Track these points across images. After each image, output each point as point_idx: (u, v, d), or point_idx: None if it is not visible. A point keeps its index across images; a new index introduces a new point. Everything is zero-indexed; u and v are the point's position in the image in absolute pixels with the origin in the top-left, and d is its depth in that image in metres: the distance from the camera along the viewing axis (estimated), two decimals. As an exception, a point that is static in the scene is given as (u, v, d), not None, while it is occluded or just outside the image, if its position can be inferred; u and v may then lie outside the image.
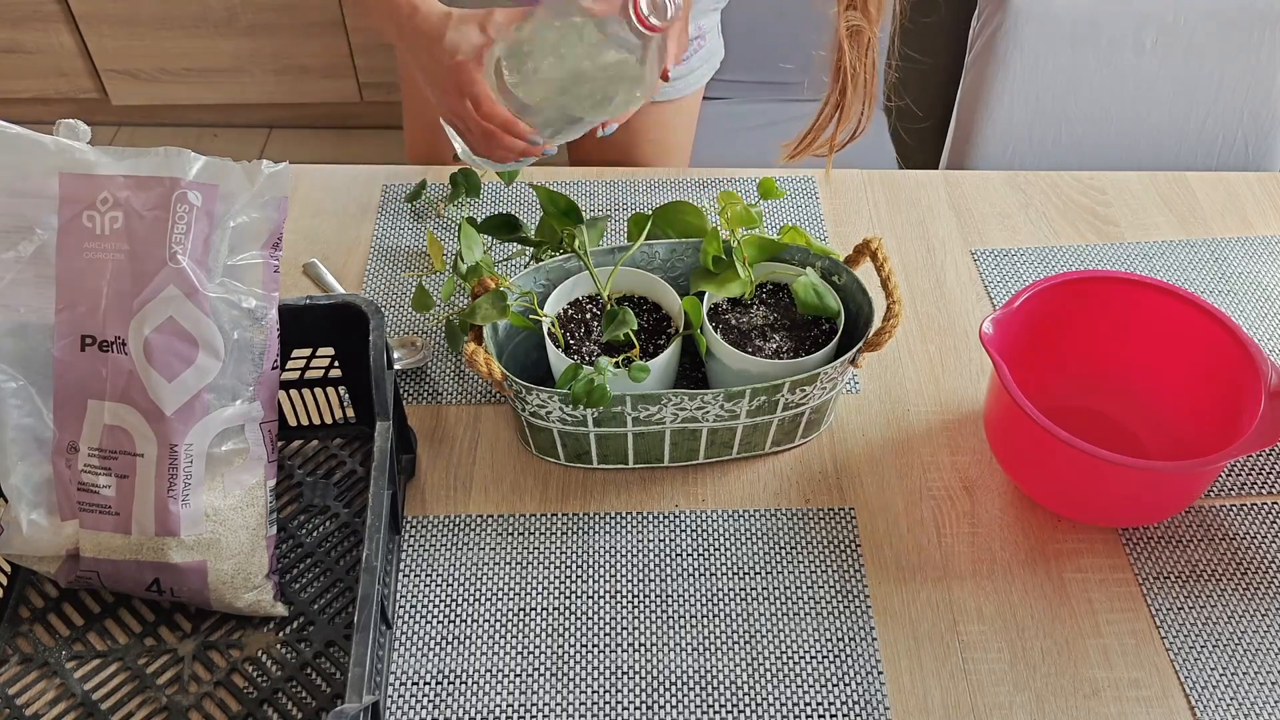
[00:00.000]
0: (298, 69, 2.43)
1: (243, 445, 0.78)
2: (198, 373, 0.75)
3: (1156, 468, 0.84)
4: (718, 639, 0.82)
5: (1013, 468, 0.90)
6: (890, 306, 0.86)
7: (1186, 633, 0.83)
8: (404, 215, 1.16)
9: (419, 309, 0.98)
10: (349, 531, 0.88)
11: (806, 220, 1.17)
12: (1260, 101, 1.48)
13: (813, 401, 0.89)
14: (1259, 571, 0.86)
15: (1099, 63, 1.46)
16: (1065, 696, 0.79)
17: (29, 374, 0.76)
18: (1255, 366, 0.83)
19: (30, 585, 0.84)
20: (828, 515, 0.90)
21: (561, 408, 0.84)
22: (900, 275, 1.10)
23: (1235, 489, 0.92)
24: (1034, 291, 0.88)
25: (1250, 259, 1.13)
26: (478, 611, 0.83)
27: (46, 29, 2.40)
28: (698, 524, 0.89)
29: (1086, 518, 0.88)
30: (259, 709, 0.77)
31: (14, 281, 0.75)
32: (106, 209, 0.75)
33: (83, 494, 0.76)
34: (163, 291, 0.74)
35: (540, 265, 0.91)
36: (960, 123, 1.55)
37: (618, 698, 0.78)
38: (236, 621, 0.82)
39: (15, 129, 0.74)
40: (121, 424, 0.75)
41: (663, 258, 0.93)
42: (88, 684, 0.79)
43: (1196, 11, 1.43)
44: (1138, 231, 1.17)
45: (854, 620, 0.83)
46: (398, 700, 0.78)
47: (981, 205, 1.19)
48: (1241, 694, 0.79)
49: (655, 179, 1.21)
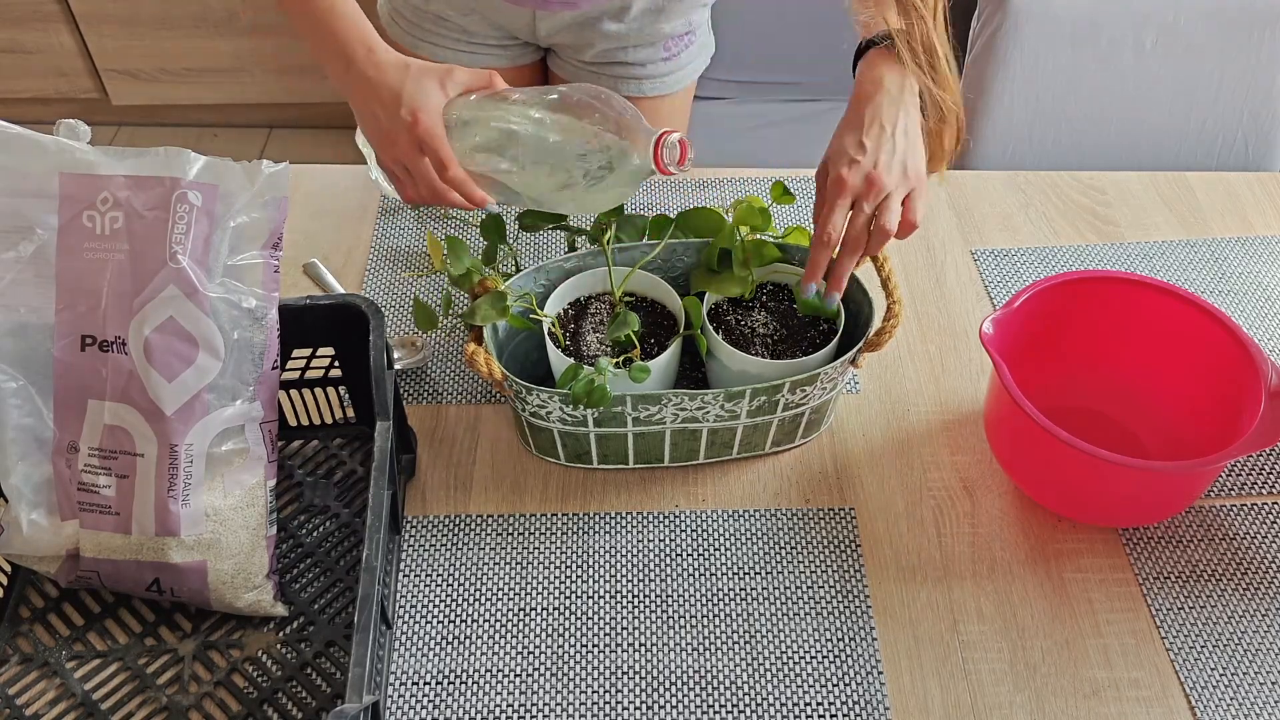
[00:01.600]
0: (298, 69, 2.42)
1: (243, 445, 0.78)
2: (198, 373, 0.75)
3: (1156, 468, 0.84)
4: (717, 639, 0.82)
5: (1013, 468, 0.90)
6: (890, 307, 0.86)
7: (1186, 633, 0.83)
8: (404, 215, 1.16)
9: (423, 328, 0.95)
10: (349, 531, 0.88)
11: (807, 220, 1.16)
12: (1260, 101, 1.48)
13: (813, 402, 0.89)
14: (1259, 571, 0.86)
15: (1099, 63, 1.46)
16: (1065, 696, 0.79)
17: (29, 374, 0.76)
18: (1255, 366, 0.83)
19: (30, 585, 0.84)
20: (828, 515, 0.90)
21: (562, 408, 0.84)
22: (900, 275, 1.10)
23: (1235, 489, 0.92)
24: (1034, 291, 0.88)
25: (1250, 259, 1.13)
26: (478, 611, 0.83)
27: (46, 29, 2.40)
28: (698, 524, 0.89)
29: (1086, 518, 0.88)
30: (259, 709, 0.77)
31: (14, 281, 0.75)
32: (106, 209, 0.75)
33: (83, 494, 0.76)
34: (163, 291, 0.74)
35: (540, 265, 0.91)
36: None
37: (618, 698, 0.78)
38: (236, 621, 0.82)
39: (15, 129, 0.74)
40: (121, 424, 0.75)
41: (663, 257, 0.93)
42: (88, 684, 0.79)
43: (1196, 11, 1.42)
44: (1138, 231, 1.17)
45: (854, 620, 0.83)
46: (398, 700, 0.78)
47: (981, 205, 1.19)
48: (1241, 694, 0.79)
49: (661, 179, 1.21)
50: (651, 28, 1.17)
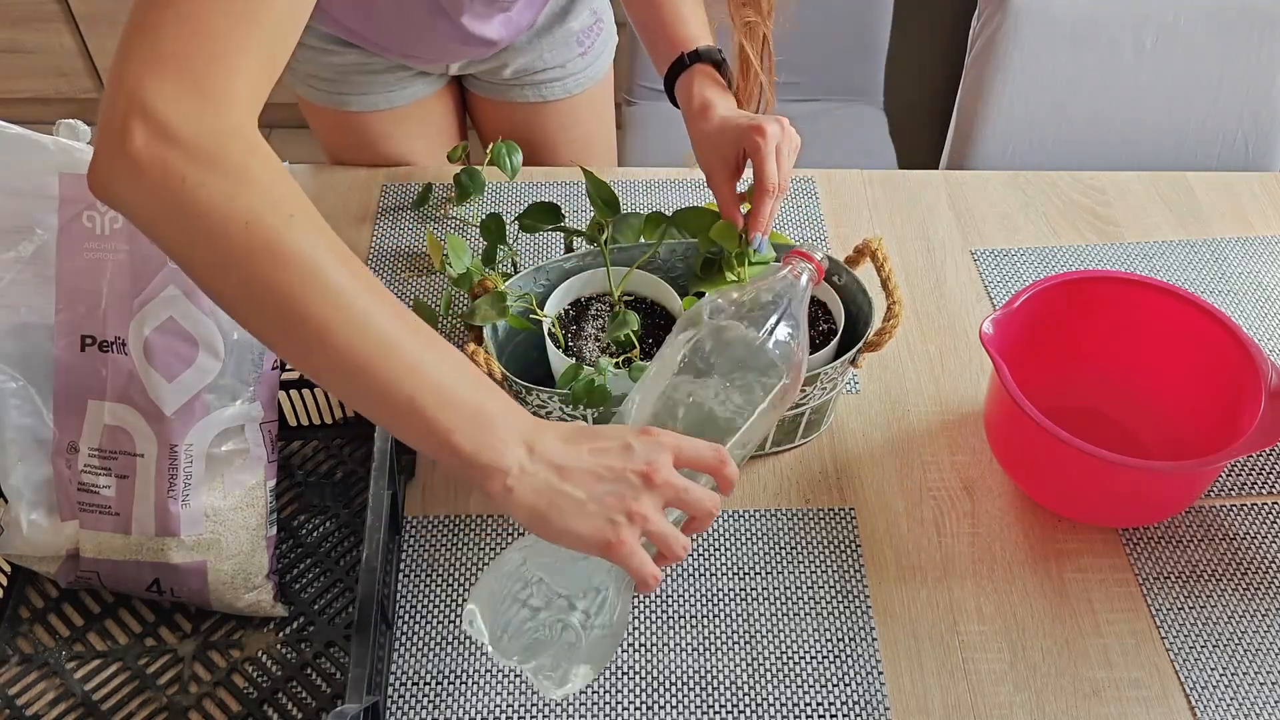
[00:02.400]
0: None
1: (243, 445, 0.78)
2: (198, 373, 0.75)
3: (1156, 468, 0.84)
4: (717, 639, 0.82)
5: (1013, 468, 0.90)
6: (890, 307, 0.86)
7: (1186, 633, 0.83)
8: (403, 216, 1.16)
9: None
10: (349, 531, 0.88)
11: (806, 220, 1.17)
12: (1260, 101, 1.48)
13: (813, 402, 0.89)
14: (1259, 571, 0.86)
15: (1099, 63, 1.46)
16: (1065, 696, 0.79)
17: (29, 374, 0.76)
18: (1255, 366, 0.83)
19: (30, 585, 0.84)
20: (828, 515, 0.90)
21: (562, 408, 0.84)
22: (900, 275, 1.10)
23: (1235, 489, 0.92)
24: (1034, 291, 0.88)
25: (1250, 259, 1.13)
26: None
27: (46, 29, 2.40)
28: (698, 524, 0.89)
29: (1087, 518, 0.88)
30: (259, 709, 0.77)
31: (14, 281, 0.75)
32: (107, 209, 0.75)
33: (83, 494, 0.76)
34: (163, 291, 0.74)
35: (540, 265, 0.91)
36: (960, 123, 1.55)
37: (618, 698, 0.78)
38: (236, 621, 0.82)
39: (15, 129, 0.74)
40: (121, 424, 0.75)
41: (662, 257, 0.93)
42: (88, 684, 0.79)
43: (1196, 12, 1.43)
44: (1138, 231, 1.17)
45: (854, 620, 0.83)
46: (398, 700, 0.78)
47: (981, 205, 1.19)
48: (1241, 694, 0.79)
49: (656, 179, 1.21)
50: (560, 29, 1.18)
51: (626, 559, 0.60)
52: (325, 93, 1.18)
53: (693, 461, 0.64)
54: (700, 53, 0.92)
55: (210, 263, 0.57)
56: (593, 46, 1.23)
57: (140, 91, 0.55)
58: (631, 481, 0.61)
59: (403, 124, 1.21)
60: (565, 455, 0.62)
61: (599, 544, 0.60)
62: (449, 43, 1.10)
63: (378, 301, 0.59)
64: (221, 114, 0.57)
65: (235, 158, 0.57)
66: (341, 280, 0.58)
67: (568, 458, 0.62)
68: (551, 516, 0.60)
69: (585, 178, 0.92)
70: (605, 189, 0.91)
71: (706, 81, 0.92)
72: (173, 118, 0.55)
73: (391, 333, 0.59)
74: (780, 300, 0.73)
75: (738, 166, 0.88)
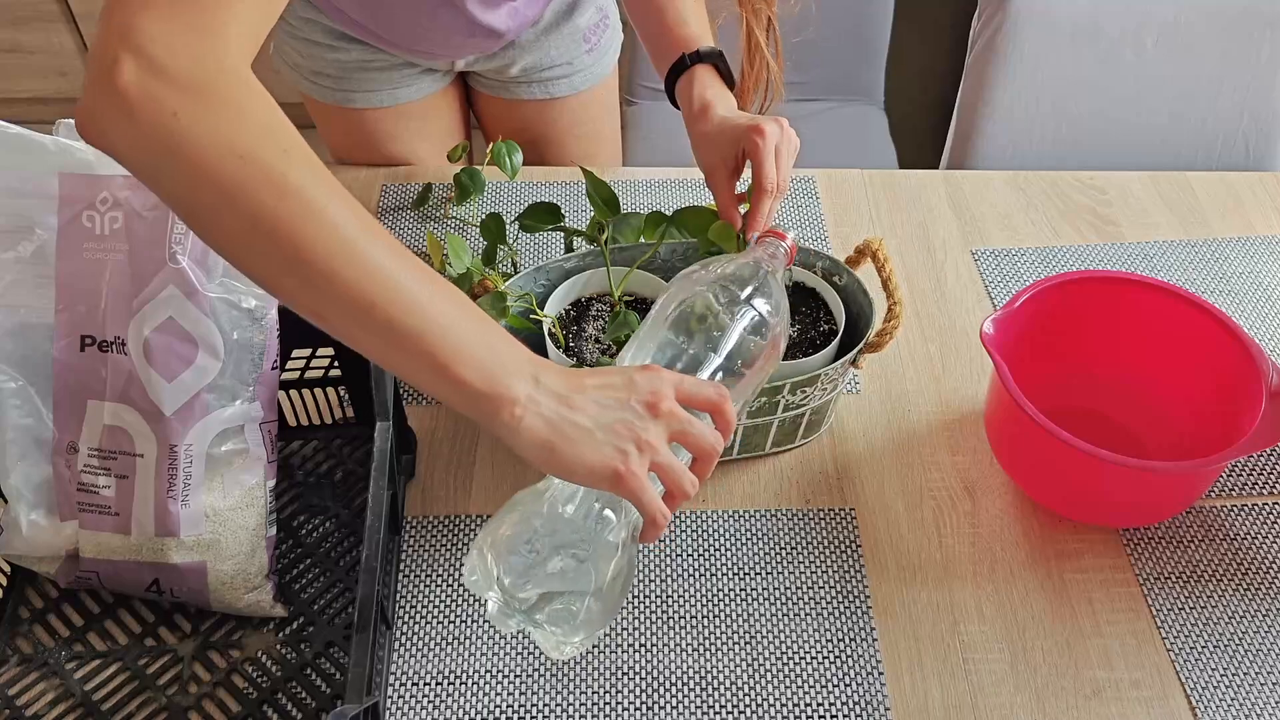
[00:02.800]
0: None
1: (243, 445, 0.78)
2: (197, 373, 0.75)
3: (1156, 468, 0.84)
4: (717, 639, 0.82)
5: (1013, 468, 0.90)
6: (891, 308, 0.86)
7: (1187, 633, 0.82)
8: (403, 216, 1.16)
9: None
10: (349, 531, 0.88)
11: (807, 220, 1.17)
12: (1260, 101, 1.48)
13: (813, 402, 0.89)
14: (1259, 571, 0.86)
15: (1099, 63, 1.46)
16: (1066, 697, 0.79)
17: (29, 374, 0.76)
18: (1255, 366, 0.83)
19: (30, 585, 0.84)
20: (828, 515, 0.89)
21: (561, 408, 0.84)
22: (901, 275, 1.10)
23: (1235, 489, 0.92)
24: (1034, 291, 0.88)
25: (1250, 259, 1.13)
26: (478, 611, 0.83)
27: (46, 29, 2.40)
28: (698, 524, 0.89)
29: (1087, 518, 0.88)
30: (259, 709, 0.77)
31: (14, 281, 0.75)
32: (106, 209, 0.75)
33: (82, 494, 0.76)
34: (162, 292, 0.74)
35: (540, 265, 0.91)
36: (960, 123, 1.55)
37: (618, 698, 0.78)
38: (236, 622, 0.82)
39: (15, 129, 0.74)
40: (121, 424, 0.75)
41: (663, 257, 0.93)
42: (88, 684, 0.79)
43: (1196, 11, 1.43)
44: (1138, 231, 1.17)
45: (854, 620, 0.83)
46: (398, 700, 0.78)
47: (981, 205, 1.19)
48: (1242, 694, 0.79)
49: (657, 179, 1.21)
50: (568, 26, 1.18)
51: (638, 492, 0.60)
52: (331, 90, 1.18)
53: (693, 397, 0.65)
54: (701, 53, 0.92)
55: (207, 203, 0.55)
56: (599, 43, 1.23)
57: (130, 28, 0.54)
58: (637, 410, 0.62)
59: (408, 122, 1.21)
60: (570, 386, 0.62)
61: (609, 474, 0.60)
62: (455, 34, 1.10)
63: (379, 238, 0.59)
64: (215, 50, 0.55)
65: (227, 90, 0.55)
66: (343, 215, 0.57)
67: (573, 388, 0.62)
68: (561, 446, 0.60)
69: (585, 177, 0.92)
70: (605, 189, 0.91)
71: (707, 82, 0.92)
72: (163, 52, 0.54)
73: (395, 269, 0.58)
74: (759, 272, 0.76)
75: (737, 167, 0.88)
